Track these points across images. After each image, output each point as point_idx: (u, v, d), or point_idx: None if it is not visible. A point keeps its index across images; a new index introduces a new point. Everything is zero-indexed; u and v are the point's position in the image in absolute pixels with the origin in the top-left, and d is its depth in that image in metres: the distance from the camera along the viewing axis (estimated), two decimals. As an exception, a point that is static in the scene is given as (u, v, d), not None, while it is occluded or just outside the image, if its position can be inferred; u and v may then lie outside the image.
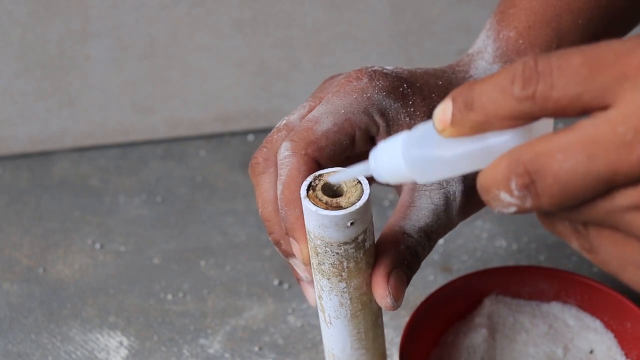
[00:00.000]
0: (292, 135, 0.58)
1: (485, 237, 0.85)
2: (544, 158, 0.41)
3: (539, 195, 0.41)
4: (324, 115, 0.58)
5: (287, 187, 0.56)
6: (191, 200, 0.91)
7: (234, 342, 0.79)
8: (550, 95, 0.41)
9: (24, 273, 0.85)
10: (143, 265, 0.85)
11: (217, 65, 0.95)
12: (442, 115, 0.44)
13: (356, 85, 0.59)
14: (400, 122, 0.59)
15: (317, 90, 0.62)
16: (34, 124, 0.96)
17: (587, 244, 0.44)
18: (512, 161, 0.42)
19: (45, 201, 0.92)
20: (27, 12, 0.90)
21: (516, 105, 0.42)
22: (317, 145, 0.57)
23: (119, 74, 0.95)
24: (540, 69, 0.41)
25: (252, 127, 0.97)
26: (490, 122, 0.43)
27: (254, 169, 0.60)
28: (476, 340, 0.71)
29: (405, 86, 0.60)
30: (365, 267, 0.56)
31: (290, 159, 0.57)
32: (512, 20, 0.64)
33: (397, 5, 0.93)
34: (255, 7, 0.92)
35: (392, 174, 0.49)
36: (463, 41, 0.95)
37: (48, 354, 0.79)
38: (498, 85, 0.42)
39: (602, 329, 0.72)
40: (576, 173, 0.40)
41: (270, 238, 0.59)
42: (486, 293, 0.73)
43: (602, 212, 0.42)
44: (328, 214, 0.52)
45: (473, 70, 0.63)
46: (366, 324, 0.59)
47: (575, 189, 0.41)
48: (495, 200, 0.43)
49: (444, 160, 0.45)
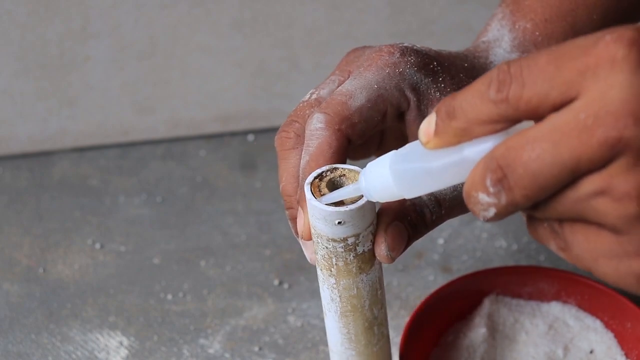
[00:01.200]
0: (325, 108, 0.57)
1: (485, 237, 0.85)
2: (514, 151, 0.42)
3: (512, 188, 0.42)
4: (357, 90, 0.58)
5: (314, 158, 0.56)
6: (191, 200, 0.91)
7: (234, 342, 0.79)
8: (522, 95, 0.42)
9: (24, 273, 0.85)
10: (143, 265, 0.85)
11: (217, 65, 0.95)
12: (427, 127, 0.45)
13: (389, 60, 0.59)
14: (430, 96, 0.59)
15: (342, 63, 0.62)
16: (34, 124, 0.96)
17: (562, 242, 0.45)
18: (486, 159, 0.43)
19: (45, 201, 0.92)
20: (27, 12, 0.90)
21: (493, 109, 0.43)
22: (351, 121, 0.57)
23: (119, 74, 0.95)
24: (512, 71, 0.42)
25: (252, 127, 0.98)
26: (471, 128, 0.44)
27: (284, 143, 0.59)
28: (476, 341, 0.71)
29: (435, 63, 0.60)
30: (356, 271, 0.56)
31: (323, 132, 0.56)
32: (528, 11, 0.64)
33: (397, 5, 0.93)
34: (255, 7, 0.92)
35: (381, 193, 0.49)
36: (463, 41, 0.95)
37: (48, 354, 0.79)
38: (476, 91, 0.43)
39: (602, 329, 0.72)
40: (544, 161, 0.41)
41: (287, 213, 0.59)
42: (486, 293, 0.73)
43: (571, 202, 0.42)
44: (317, 205, 0.52)
45: (492, 56, 0.64)
46: (356, 327, 0.59)
47: (544, 178, 0.42)
48: (476, 205, 0.44)
49: (430, 172, 0.46)
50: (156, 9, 0.91)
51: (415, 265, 0.83)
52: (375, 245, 0.55)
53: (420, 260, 0.84)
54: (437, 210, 0.57)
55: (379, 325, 0.60)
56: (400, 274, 0.83)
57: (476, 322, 0.72)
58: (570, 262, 0.45)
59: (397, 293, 0.81)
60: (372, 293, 0.58)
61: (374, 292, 0.58)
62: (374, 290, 0.58)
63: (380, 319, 0.60)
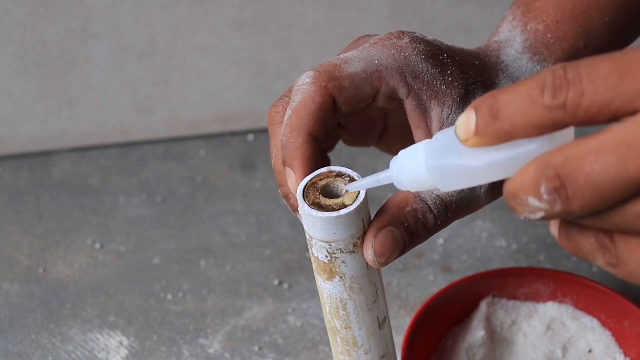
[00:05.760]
0: (318, 67, 0.56)
1: (485, 237, 0.85)
2: (574, 161, 0.41)
3: (570, 199, 0.41)
4: (356, 59, 0.57)
5: (295, 113, 0.55)
6: (191, 200, 0.91)
7: (234, 342, 0.79)
8: (581, 103, 0.41)
9: (24, 273, 0.85)
10: (143, 265, 0.85)
11: (217, 65, 0.95)
12: (466, 124, 0.44)
13: (396, 43, 0.58)
14: (435, 88, 0.58)
15: (350, 46, 0.61)
16: (34, 124, 0.96)
17: (614, 259, 0.43)
18: (541, 165, 0.42)
19: (45, 201, 0.92)
20: (27, 12, 0.90)
21: (546, 114, 0.42)
22: (340, 83, 0.56)
23: (119, 74, 0.95)
24: (570, 77, 0.41)
25: (252, 127, 0.97)
26: (517, 131, 0.43)
27: (273, 117, 0.58)
28: (475, 344, 0.71)
29: (445, 56, 0.59)
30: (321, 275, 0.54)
31: (308, 87, 0.55)
32: (540, 13, 0.64)
33: (397, 5, 0.93)
34: (255, 7, 0.92)
35: (415, 184, 0.48)
36: (463, 41, 0.95)
37: (48, 354, 0.79)
38: (527, 94, 0.42)
39: (599, 328, 0.72)
40: (607, 175, 0.40)
41: (279, 191, 0.58)
42: (483, 296, 0.73)
43: (632, 216, 0.41)
44: (299, 195, 0.51)
45: (504, 56, 0.63)
46: (340, 337, 0.58)
47: (606, 192, 0.41)
48: (522, 206, 0.43)
49: (470, 171, 0.45)
50: (156, 9, 0.91)
51: (415, 265, 0.83)
52: (363, 249, 0.53)
53: (420, 260, 0.84)
54: (443, 214, 0.56)
55: (343, 339, 0.58)
56: (400, 274, 0.83)
57: (474, 325, 0.72)
58: (622, 278, 0.44)
59: (397, 293, 0.81)
60: (333, 305, 0.56)
61: (334, 305, 0.56)
62: (334, 303, 0.56)
63: (356, 344, 0.58)
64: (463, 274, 0.82)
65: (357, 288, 0.55)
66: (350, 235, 0.52)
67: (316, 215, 0.51)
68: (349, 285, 0.54)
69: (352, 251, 0.53)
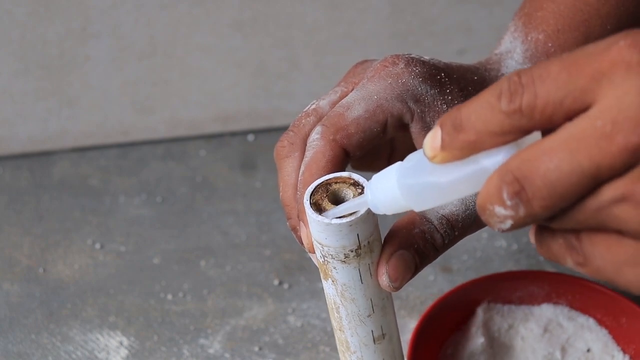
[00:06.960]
0: (324, 120, 0.57)
1: (485, 237, 0.85)
2: (530, 163, 0.41)
3: (530, 200, 0.42)
4: (356, 101, 0.58)
5: (308, 169, 0.56)
6: (191, 200, 0.91)
7: (234, 342, 0.79)
8: (535, 104, 0.41)
9: (24, 273, 0.85)
10: (143, 265, 0.85)
11: (217, 65, 0.95)
12: (432, 141, 0.44)
13: (392, 71, 0.58)
14: (437, 108, 0.58)
15: (349, 74, 0.61)
16: (34, 124, 0.96)
17: (581, 257, 0.44)
18: (501, 172, 0.42)
19: (45, 201, 0.92)
20: (27, 12, 0.90)
21: (505, 120, 0.42)
22: (347, 131, 0.57)
23: (119, 74, 0.95)
24: (524, 81, 0.42)
25: (252, 127, 0.98)
26: (481, 140, 0.43)
27: (279, 152, 0.59)
28: (476, 351, 0.71)
29: (442, 75, 0.59)
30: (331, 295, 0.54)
31: (318, 143, 0.56)
32: (540, 23, 0.64)
33: (397, 5, 0.93)
34: (255, 7, 0.92)
35: (389, 206, 0.49)
36: (463, 41, 0.95)
37: (48, 354, 0.79)
38: (485, 102, 0.43)
39: (595, 326, 0.72)
40: (562, 171, 0.41)
41: (288, 224, 0.59)
42: (478, 302, 0.73)
43: (591, 211, 0.42)
44: (306, 200, 0.52)
45: (504, 68, 0.63)
46: (337, 337, 0.58)
47: (563, 188, 0.41)
48: (492, 217, 0.43)
49: (440, 187, 0.45)
50: (156, 9, 0.91)
51: (415, 265, 0.83)
52: (377, 275, 0.54)
53: (420, 260, 0.84)
54: (449, 233, 0.57)
55: (339, 340, 0.58)
56: (400, 274, 0.83)
57: (472, 332, 0.72)
58: (590, 276, 0.44)
59: (397, 293, 0.81)
60: (330, 304, 0.57)
61: (330, 304, 0.57)
62: (330, 303, 0.57)
63: (340, 337, 0.58)
64: (463, 274, 0.82)
65: (349, 297, 0.55)
66: (340, 245, 0.52)
67: (310, 215, 0.52)
68: (340, 291, 0.55)
69: (342, 261, 0.53)
